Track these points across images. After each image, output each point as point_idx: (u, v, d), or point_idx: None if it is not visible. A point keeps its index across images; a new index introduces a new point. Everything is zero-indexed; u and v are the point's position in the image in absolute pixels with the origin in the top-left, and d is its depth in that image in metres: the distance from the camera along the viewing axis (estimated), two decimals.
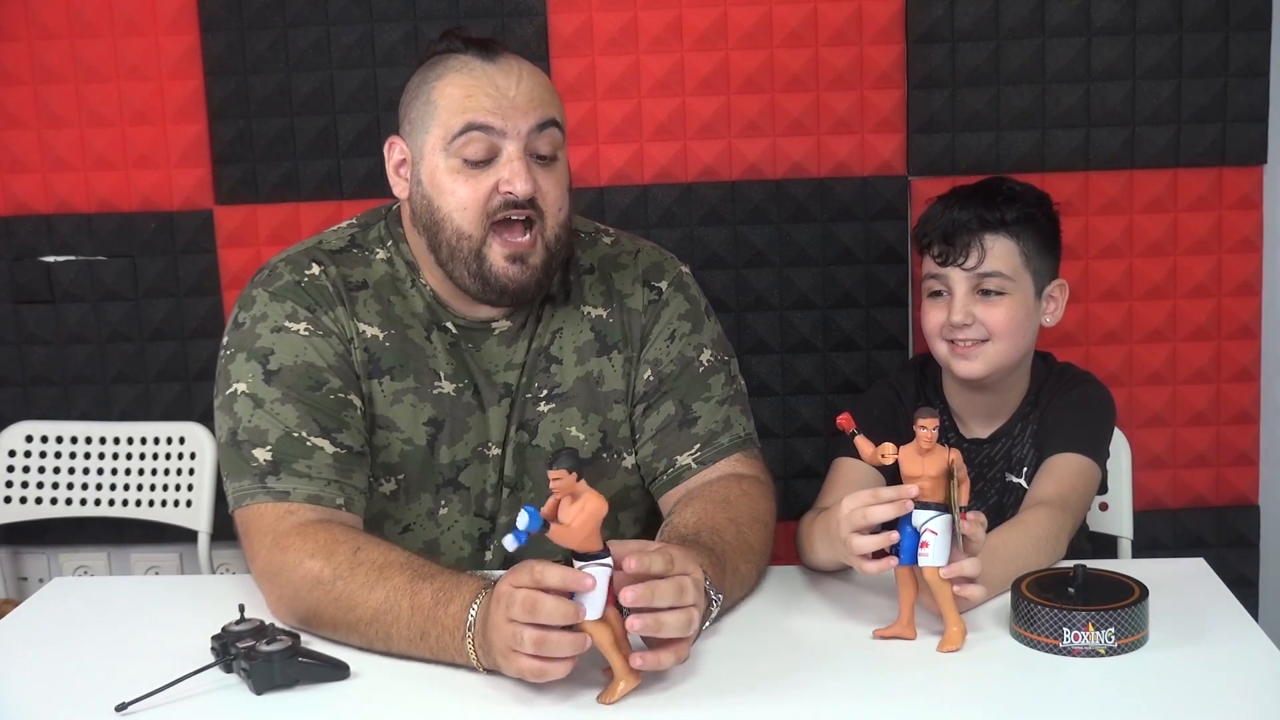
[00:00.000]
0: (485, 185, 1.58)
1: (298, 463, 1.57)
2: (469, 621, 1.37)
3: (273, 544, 1.53)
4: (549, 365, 1.72)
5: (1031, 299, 1.82)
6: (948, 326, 1.80)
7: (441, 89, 1.60)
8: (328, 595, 1.46)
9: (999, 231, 1.79)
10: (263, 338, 1.63)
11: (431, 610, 1.40)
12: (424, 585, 1.42)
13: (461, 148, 1.58)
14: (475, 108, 1.57)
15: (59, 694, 1.41)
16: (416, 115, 1.62)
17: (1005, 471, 1.85)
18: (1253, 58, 2.39)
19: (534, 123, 1.58)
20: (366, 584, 1.44)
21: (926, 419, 1.40)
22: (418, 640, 1.41)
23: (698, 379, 1.74)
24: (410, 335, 1.68)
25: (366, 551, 1.48)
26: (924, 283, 1.85)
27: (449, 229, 1.61)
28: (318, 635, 1.50)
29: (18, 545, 2.64)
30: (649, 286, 1.77)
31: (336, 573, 1.46)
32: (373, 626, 1.43)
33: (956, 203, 1.82)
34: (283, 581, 1.51)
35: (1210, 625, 1.48)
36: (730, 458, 1.71)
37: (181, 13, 2.44)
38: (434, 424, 1.68)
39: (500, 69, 1.59)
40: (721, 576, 1.49)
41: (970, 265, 1.79)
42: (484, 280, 1.62)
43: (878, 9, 2.39)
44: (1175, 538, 2.51)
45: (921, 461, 1.41)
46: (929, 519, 1.41)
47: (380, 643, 1.44)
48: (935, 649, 1.43)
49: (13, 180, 2.50)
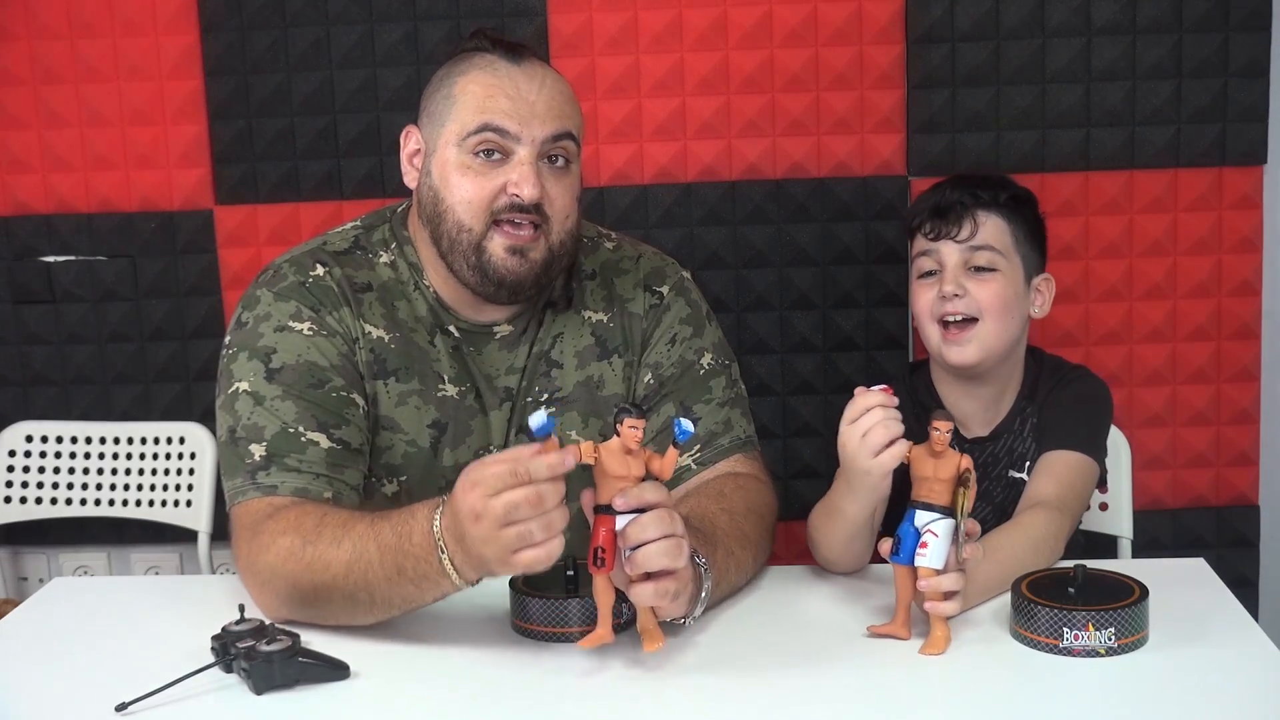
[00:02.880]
0: (493, 183, 1.60)
1: (290, 457, 1.57)
2: (437, 542, 1.37)
3: (250, 535, 1.53)
4: (549, 369, 1.72)
5: (1020, 283, 1.83)
6: (938, 301, 1.80)
7: (463, 85, 1.61)
8: (300, 563, 1.46)
9: (991, 209, 1.82)
10: (265, 337, 1.63)
11: (397, 544, 1.40)
12: (383, 524, 1.43)
13: (475, 145, 1.59)
14: (494, 108, 1.58)
15: (59, 694, 1.41)
16: (435, 107, 1.64)
17: (1008, 468, 1.85)
18: (1253, 58, 2.39)
19: (550, 133, 1.60)
20: (334, 540, 1.45)
21: (941, 421, 1.40)
22: (395, 577, 1.41)
23: (698, 381, 1.74)
24: (414, 338, 1.69)
25: (331, 515, 1.50)
26: (915, 263, 1.87)
27: (450, 220, 1.61)
28: (304, 615, 1.49)
29: (18, 545, 2.64)
30: (650, 291, 1.77)
31: (305, 539, 1.47)
32: (349, 579, 1.43)
33: (949, 185, 1.86)
34: (261, 566, 1.50)
35: (1210, 625, 1.48)
36: (730, 459, 1.72)
37: (181, 13, 2.44)
38: (438, 426, 1.68)
39: (524, 72, 1.61)
40: (713, 554, 1.49)
41: (963, 238, 1.80)
42: (482, 272, 1.62)
43: (878, 9, 2.39)
44: (1175, 538, 2.51)
45: (934, 464, 1.42)
46: (931, 521, 1.42)
47: (363, 592, 1.44)
48: (920, 653, 1.43)
49: (13, 180, 2.50)
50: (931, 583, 1.41)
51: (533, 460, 1.30)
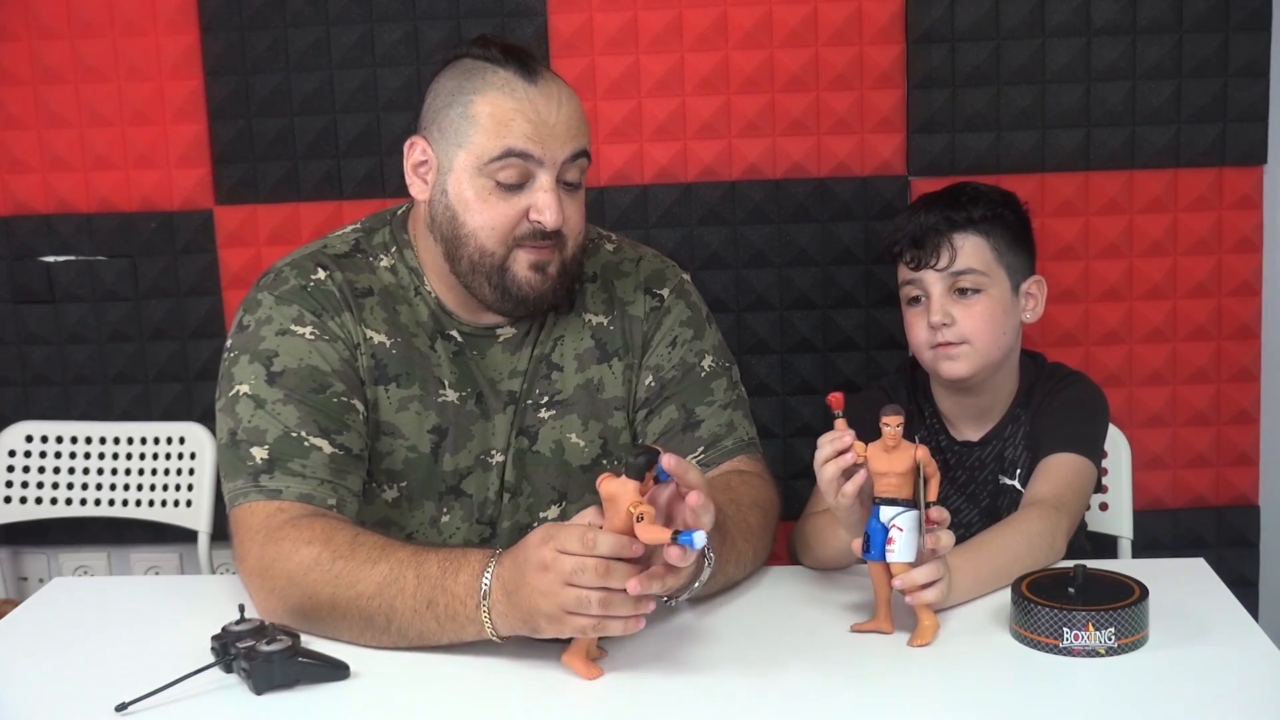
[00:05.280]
0: (516, 209, 1.60)
1: (293, 462, 1.57)
2: (482, 590, 1.38)
3: (265, 539, 1.52)
4: (550, 372, 1.72)
5: (1008, 295, 1.83)
6: (929, 330, 1.81)
7: (481, 106, 1.58)
8: (326, 575, 1.46)
9: (967, 230, 1.81)
10: (267, 340, 1.63)
11: (439, 579, 1.41)
12: (429, 556, 1.44)
13: (496, 171, 1.58)
14: (517, 134, 1.57)
15: (59, 694, 1.41)
16: (449, 125, 1.61)
17: (998, 474, 1.85)
18: (1253, 58, 2.39)
19: (569, 153, 1.60)
20: (369, 560, 1.45)
21: (890, 416, 1.43)
22: (423, 610, 1.41)
23: (700, 384, 1.75)
24: (415, 343, 1.68)
25: (365, 536, 1.50)
26: (901, 290, 1.87)
27: (472, 245, 1.61)
28: (308, 627, 1.48)
29: (18, 545, 2.64)
30: (651, 294, 1.78)
31: (336, 553, 1.46)
32: (376, 600, 1.43)
33: (923, 208, 1.85)
34: (276, 572, 1.50)
35: (1210, 625, 1.48)
36: (734, 459, 1.72)
37: (181, 13, 2.44)
38: (438, 432, 1.68)
39: (541, 93, 1.59)
40: (720, 545, 1.51)
41: (943, 266, 1.80)
42: (504, 290, 1.63)
43: (878, 9, 2.39)
44: (1175, 538, 2.51)
45: (887, 458, 1.44)
46: (895, 515, 1.44)
47: (382, 615, 1.44)
48: (909, 644, 1.45)
49: (13, 180, 2.50)
50: (906, 577, 1.43)
51: (601, 536, 1.32)
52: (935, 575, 1.44)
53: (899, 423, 1.42)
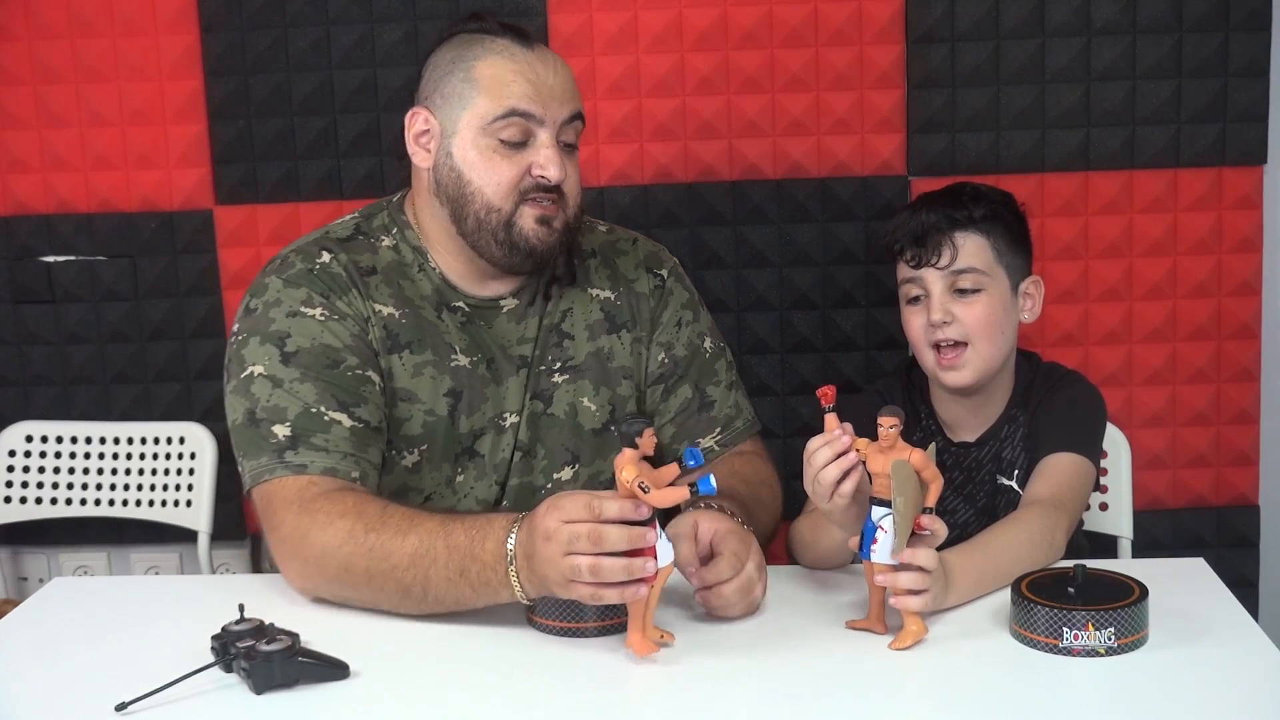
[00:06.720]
0: (519, 166, 1.66)
1: (315, 437, 1.61)
2: (509, 555, 1.42)
3: (300, 510, 1.56)
4: (561, 340, 1.78)
5: (1008, 295, 1.83)
6: (929, 328, 1.81)
7: (482, 70, 1.65)
8: (361, 547, 1.50)
9: (968, 229, 1.81)
10: (278, 322, 1.66)
11: (468, 548, 1.45)
12: (455, 526, 1.48)
13: (500, 130, 1.65)
14: (519, 94, 1.64)
15: (59, 694, 1.41)
16: (451, 91, 1.67)
17: (995, 474, 1.85)
18: (1253, 58, 2.39)
19: (567, 114, 1.67)
20: (399, 532, 1.49)
21: (886, 417, 1.43)
22: (457, 578, 1.46)
23: (706, 364, 1.84)
24: (423, 314, 1.73)
25: (393, 508, 1.55)
26: (901, 289, 1.87)
27: (478, 202, 1.67)
28: (342, 601, 1.54)
29: (18, 545, 2.64)
30: (652, 273, 1.86)
31: (369, 526, 1.51)
32: (410, 571, 1.48)
33: (923, 206, 1.85)
34: (310, 543, 1.54)
35: (1210, 625, 1.48)
36: (743, 441, 1.85)
37: (181, 13, 2.44)
38: (453, 395, 1.72)
39: (539, 57, 1.67)
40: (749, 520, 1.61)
41: (944, 264, 1.80)
42: (512, 245, 1.68)
43: (878, 9, 2.39)
44: (1175, 538, 2.51)
45: (883, 459, 1.44)
46: (884, 516, 1.44)
47: (418, 586, 1.48)
48: (913, 647, 1.44)
49: (13, 180, 2.50)
50: (890, 577, 1.43)
51: (607, 500, 1.35)
52: (920, 585, 1.43)
53: (894, 424, 1.42)
